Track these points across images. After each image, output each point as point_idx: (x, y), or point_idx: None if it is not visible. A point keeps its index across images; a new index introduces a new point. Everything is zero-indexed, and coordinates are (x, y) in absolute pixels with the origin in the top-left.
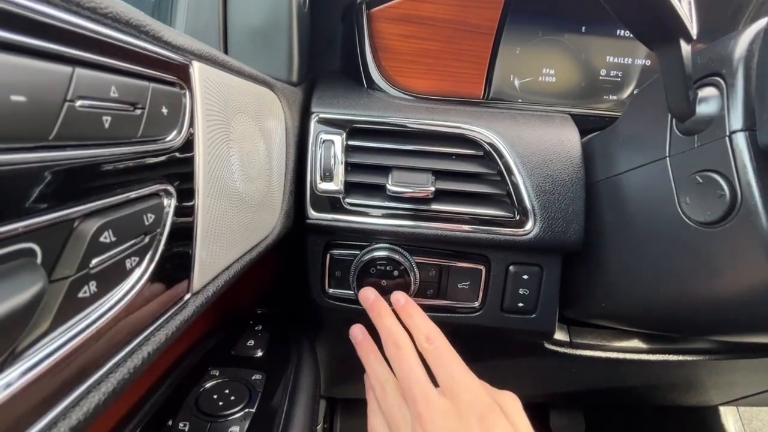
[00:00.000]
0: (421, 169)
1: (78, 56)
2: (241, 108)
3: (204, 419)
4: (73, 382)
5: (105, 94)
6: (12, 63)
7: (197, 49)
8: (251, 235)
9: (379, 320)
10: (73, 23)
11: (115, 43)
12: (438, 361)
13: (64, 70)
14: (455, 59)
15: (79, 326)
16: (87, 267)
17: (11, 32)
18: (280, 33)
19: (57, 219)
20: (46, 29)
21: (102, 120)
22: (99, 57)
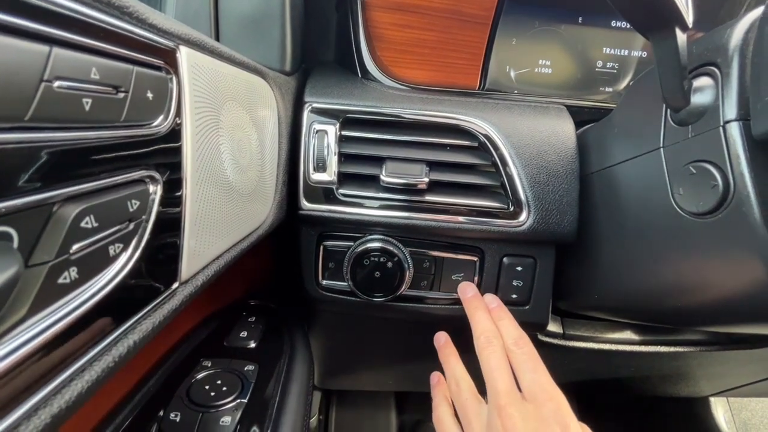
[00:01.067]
0: (416, 159)
1: (56, 35)
2: (232, 96)
3: (195, 410)
4: (55, 369)
5: (85, 75)
6: None
7: (185, 34)
8: (242, 225)
9: (476, 314)
10: (51, 1)
11: (96, 24)
12: (525, 366)
13: (40, 50)
14: (451, 50)
15: (60, 312)
16: (67, 252)
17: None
18: (273, 21)
19: (35, 203)
20: (23, 6)
21: (82, 102)
22: (79, 37)
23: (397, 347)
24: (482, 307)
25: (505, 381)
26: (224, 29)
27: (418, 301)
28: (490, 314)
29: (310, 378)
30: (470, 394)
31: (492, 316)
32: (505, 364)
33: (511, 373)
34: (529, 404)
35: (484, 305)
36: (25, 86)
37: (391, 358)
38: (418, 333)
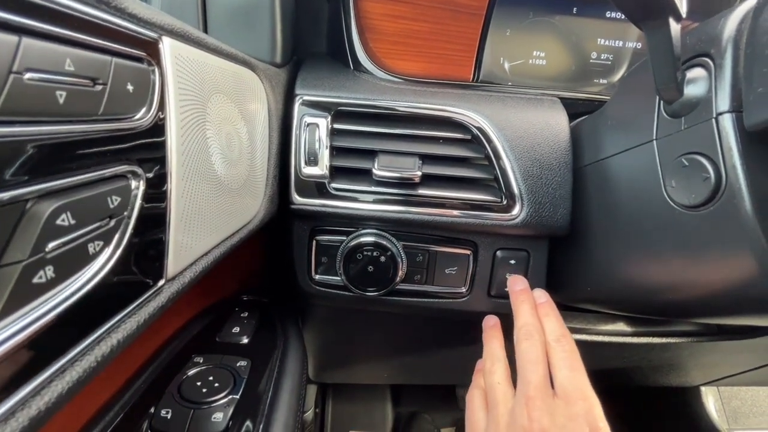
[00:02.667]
0: (408, 153)
1: (25, 25)
2: (219, 89)
3: (187, 406)
4: (33, 370)
5: (58, 67)
6: None
7: (168, 24)
8: (232, 220)
9: (521, 306)
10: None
11: (70, 13)
12: (563, 363)
13: (8, 39)
14: (444, 41)
15: (36, 312)
16: (42, 251)
17: None
18: (263, 12)
19: (6, 200)
20: None
21: (55, 95)
22: (51, 27)
23: (392, 341)
24: (529, 300)
25: (539, 374)
26: (212, 21)
27: (411, 295)
28: (535, 309)
29: (304, 373)
30: (503, 377)
31: (538, 312)
32: (542, 358)
33: (546, 368)
34: (560, 400)
35: (531, 300)
36: None
37: (386, 352)
38: (412, 326)
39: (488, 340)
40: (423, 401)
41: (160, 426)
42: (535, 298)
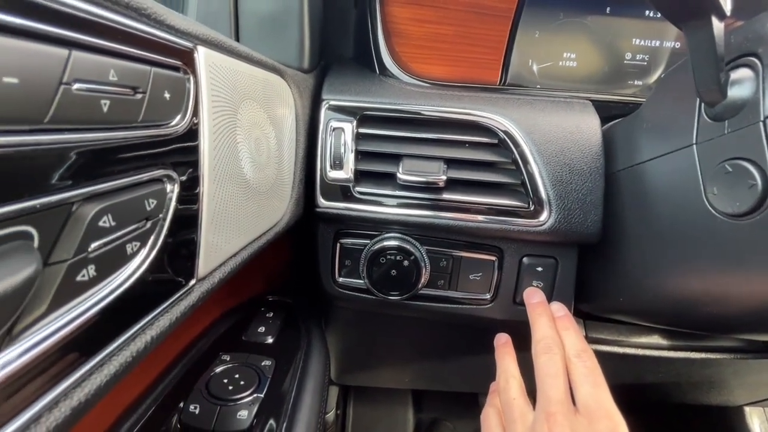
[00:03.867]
0: (433, 157)
1: (75, 39)
2: (250, 95)
3: (214, 403)
4: (75, 364)
5: (103, 77)
6: (4, 45)
7: (202, 34)
8: (260, 222)
9: (539, 320)
10: (70, 5)
11: (113, 26)
12: (585, 379)
13: (59, 53)
14: (470, 44)
15: (79, 309)
16: (85, 251)
17: (5, 13)
18: (292, 19)
19: (54, 202)
20: (42, 10)
21: (100, 104)
22: (97, 40)
23: (414, 345)
24: (547, 314)
25: (559, 389)
26: (244, 28)
27: (435, 300)
28: (554, 322)
29: (326, 374)
30: (519, 393)
31: (556, 325)
32: (562, 372)
33: (567, 383)
34: (582, 418)
35: (549, 312)
36: (45, 89)
37: (408, 356)
38: (435, 332)
39: (501, 357)
40: (445, 408)
41: (189, 420)
42: (553, 312)
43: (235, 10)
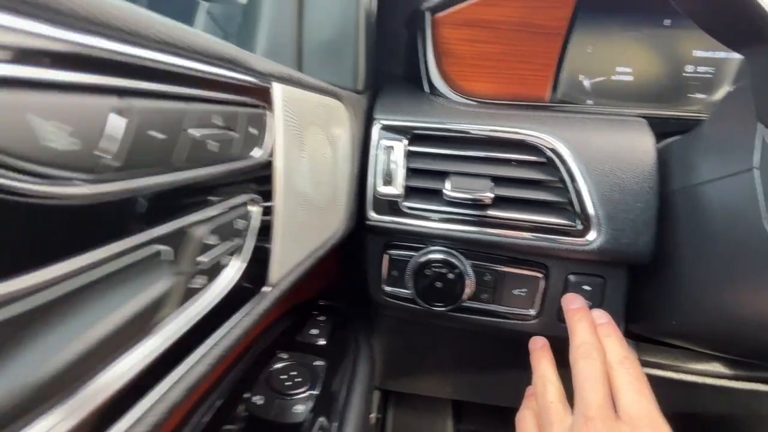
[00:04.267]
0: (480, 175)
1: (190, 94)
2: (313, 120)
3: (274, 396)
4: (184, 356)
5: (209, 122)
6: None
7: (276, 72)
8: (319, 234)
9: (577, 325)
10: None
11: (214, 78)
12: (628, 387)
13: (180, 106)
14: (520, 61)
15: (192, 312)
16: (199, 264)
17: (159, 83)
18: (348, 46)
19: (178, 226)
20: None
21: (207, 144)
22: (205, 92)
23: (457, 355)
24: (587, 319)
25: (599, 393)
26: (306, 55)
27: (478, 313)
28: (594, 329)
29: (372, 377)
30: (557, 397)
31: (599, 331)
32: (603, 378)
33: (608, 388)
34: (624, 425)
35: (589, 318)
36: (172, 137)
37: (451, 366)
38: (479, 343)
39: (537, 360)
40: (485, 421)
41: (254, 410)
42: (595, 318)
43: (299, 39)
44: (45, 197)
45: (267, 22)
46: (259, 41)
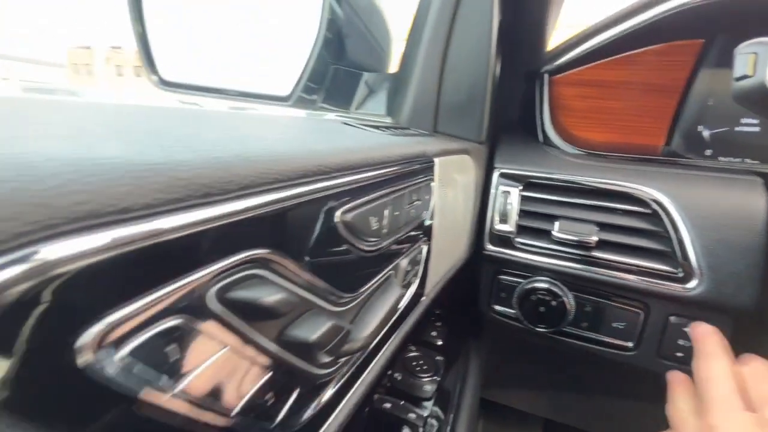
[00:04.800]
0: (586, 220)
1: (403, 184)
2: (452, 175)
3: (409, 375)
4: (390, 335)
5: (411, 199)
6: (395, 197)
7: (437, 150)
8: (450, 260)
9: (707, 338)
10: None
11: (411, 169)
12: None
13: (404, 191)
14: (634, 114)
15: (399, 310)
16: (404, 281)
17: (396, 184)
18: (477, 104)
19: (398, 262)
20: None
21: (410, 211)
22: (408, 181)
23: (554, 376)
24: (723, 358)
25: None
26: (442, 112)
27: (577, 338)
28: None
29: (480, 378)
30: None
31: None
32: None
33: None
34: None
35: (726, 357)
36: (403, 212)
37: (548, 385)
38: (576, 368)
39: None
40: None
41: (397, 384)
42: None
43: (437, 102)
44: (368, 249)
45: (414, 87)
46: (407, 102)
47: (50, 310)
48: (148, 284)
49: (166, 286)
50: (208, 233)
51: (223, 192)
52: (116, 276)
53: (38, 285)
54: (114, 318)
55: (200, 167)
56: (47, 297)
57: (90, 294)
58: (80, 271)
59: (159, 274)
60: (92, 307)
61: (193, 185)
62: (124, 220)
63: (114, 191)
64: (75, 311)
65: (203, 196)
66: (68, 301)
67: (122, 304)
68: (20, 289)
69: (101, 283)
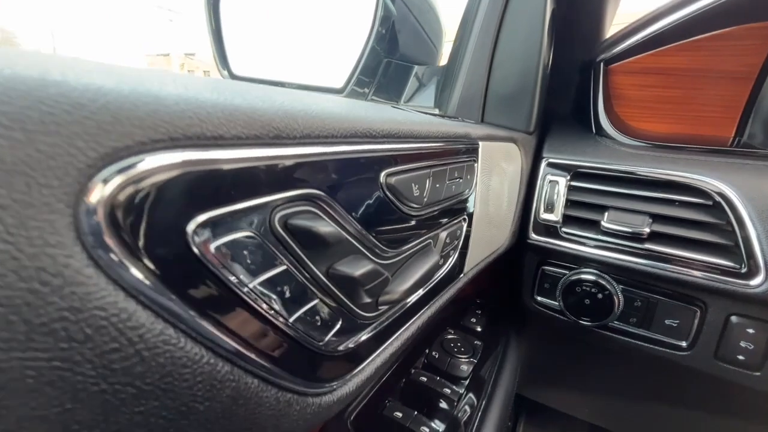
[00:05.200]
0: (638, 211)
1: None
2: (497, 161)
3: (447, 355)
4: (428, 301)
5: (453, 175)
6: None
7: (482, 135)
8: (491, 245)
9: None
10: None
11: (456, 147)
12: None
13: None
14: (700, 103)
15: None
16: (443, 252)
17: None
18: (526, 95)
19: (435, 231)
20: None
21: (452, 188)
22: (450, 158)
23: (601, 377)
24: None
25: None
26: (489, 104)
27: (625, 334)
28: None
29: (517, 373)
30: None
31: None
32: None
33: None
34: None
35: None
36: (441, 185)
37: (594, 387)
38: (627, 367)
39: None
40: None
41: (432, 361)
42: None
43: (485, 93)
44: (408, 213)
45: (462, 78)
46: (455, 93)
47: (171, 200)
48: (232, 197)
49: (244, 202)
50: (276, 168)
51: (289, 137)
52: (210, 186)
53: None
54: (212, 215)
55: (273, 115)
56: (171, 189)
57: (199, 193)
58: (189, 175)
59: (240, 191)
60: (199, 204)
61: (267, 127)
62: (219, 145)
63: (212, 121)
64: (189, 204)
65: (274, 138)
66: (184, 195)
67: (217, 207)
68: (155, 180)
69: (202, 187)
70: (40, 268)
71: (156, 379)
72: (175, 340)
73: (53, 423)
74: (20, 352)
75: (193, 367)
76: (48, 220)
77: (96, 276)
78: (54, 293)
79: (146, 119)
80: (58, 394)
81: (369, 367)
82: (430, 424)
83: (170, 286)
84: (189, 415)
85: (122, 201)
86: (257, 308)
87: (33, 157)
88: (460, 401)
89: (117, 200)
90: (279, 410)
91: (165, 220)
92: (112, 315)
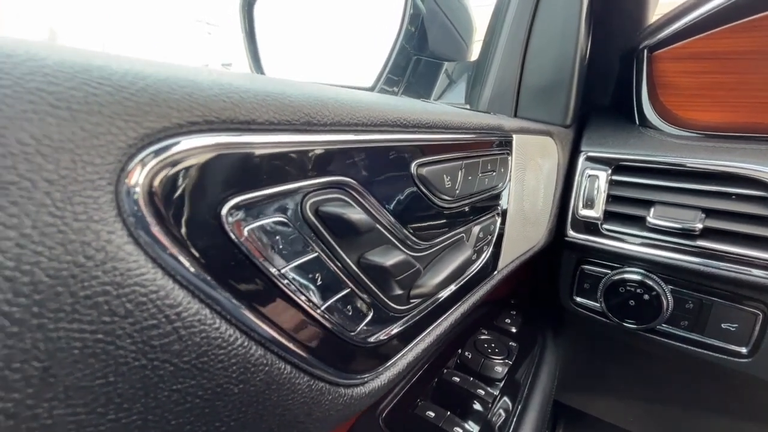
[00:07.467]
0: (689, 206)
1: (478, 152)
2: (532, 156)
3: (479, 355)
4: (462, 297)
5: (486, 168)
6: (469, 162)
7: (515, 128)
8: (527, 242)
9: None
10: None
11: (489, 140)
12: None
13: (477, 160)
14: (758, 89)
15: (468, 275)
16: (476, 247)
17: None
18: (562, 87)
19: (468, 226)
20: (473, 143)
21: (485, 181)
22: (483, 150)
23: (648, 384)
24: None
25: None
26: (523, 97)
27: (675, 338)
28: None
29: (555, 377)
30: None
31: None
32: None
33: None
34: None
35: None
36: (473, 178)
37: (638, 394)
38: (677, 375)
39: None
40: None
41: (465, 362)
42: None
43: (519, 85)
44: (440, 205)
45: (494, 72)
46: (486, 88)
47: (206, 182)
48: (264, 181)
49: (276, 186)
50: (307, 154)
51: (320, 123)
52: (244, 169)
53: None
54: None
55: (304, 101)
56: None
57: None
58: (223, 158)
59: (272, 175)
60: (233, 187)
61: (298, 113)
62: (252, 129)
63: (245, 106)
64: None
65: (305, 123)
66: (218, 178)
67: (250, 191)
68: (191, 162)
69: (236, 170)
70: (84, 242)
71: (193, 357)
72: (210, 320)
73: (97, 395)
74: (67, 323)
75: (228, 348)
76: (92, 197)
77: (136, 253)
78: (97, 267)
79: (182, 102)
80: (101, 367)
81: (400, 362)
82: (463, 425)
83: (203, 267)
84: (224, 396)
85: (160, 181)
86: (288, 293)
87: (78, 135)
88: (494, 404)
89: (155, 180)
90: (311, 398)
91: (200, 201)
92: (151, 292)
